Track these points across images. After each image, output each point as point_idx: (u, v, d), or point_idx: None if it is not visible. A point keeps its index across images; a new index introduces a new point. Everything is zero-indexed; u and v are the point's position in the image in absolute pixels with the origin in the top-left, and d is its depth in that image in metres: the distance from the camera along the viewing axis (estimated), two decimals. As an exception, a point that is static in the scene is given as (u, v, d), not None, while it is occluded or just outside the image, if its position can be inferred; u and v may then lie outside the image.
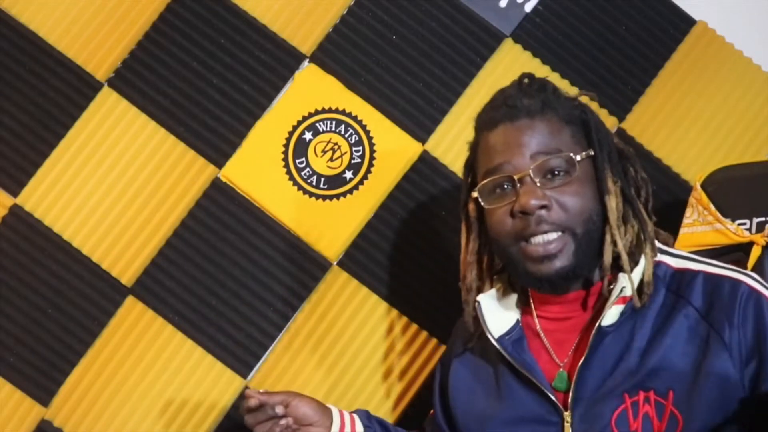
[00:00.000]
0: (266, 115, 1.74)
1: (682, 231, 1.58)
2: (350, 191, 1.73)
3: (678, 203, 1.63)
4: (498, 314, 1.26)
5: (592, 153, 1.18)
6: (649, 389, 1.11)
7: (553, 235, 1.15)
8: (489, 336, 1.23)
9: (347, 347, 1.70)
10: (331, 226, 1.72)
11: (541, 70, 1.76)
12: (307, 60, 1.75)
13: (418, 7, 1.76)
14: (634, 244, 1.19)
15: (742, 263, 1.50)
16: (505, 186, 1.18)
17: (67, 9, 1.72)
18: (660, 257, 1.21)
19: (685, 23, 1.78)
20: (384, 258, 1.72)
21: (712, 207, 1.54)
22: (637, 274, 1.17)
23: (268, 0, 1.75)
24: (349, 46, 1.75)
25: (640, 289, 1.16)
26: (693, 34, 1.78)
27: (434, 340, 1.71)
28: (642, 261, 1.18)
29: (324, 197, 1.73)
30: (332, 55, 1.75)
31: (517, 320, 1.26)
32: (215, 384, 1.68)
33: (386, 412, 1.69)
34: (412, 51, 1.75)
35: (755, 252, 1.49)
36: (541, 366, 1.20)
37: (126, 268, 1.69)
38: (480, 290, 1.29)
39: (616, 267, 1.18)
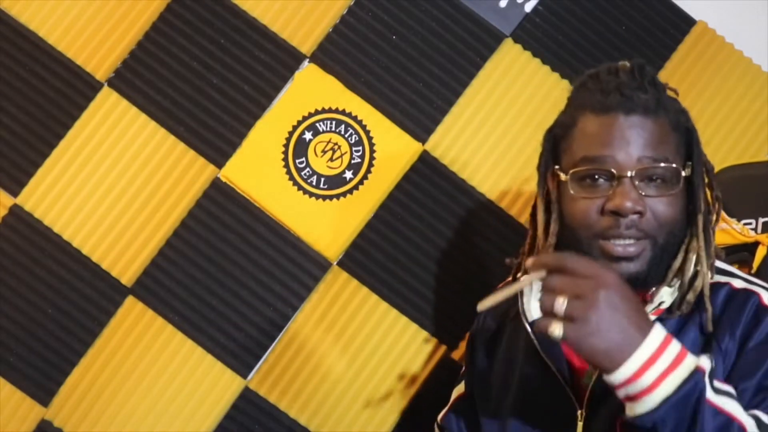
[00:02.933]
0: (266, 115, 1.74)
1: (688, 231, 1.58)
2: (350, 191, 1.73)
3: (678, 203, 1.63)
4: (537, 299, 1.23)
5: (691, 167, 1.13)
6: None
7: (634, 242, 1.10)
8: (523, 318, 1.18)
9: (347, 347, 1.70)
10: (331, 226, 1.72)
11: (541, 70, 1.76)
12: (307, 60, 1.75)
13: (418, 7, 1.76)
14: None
15: (747, 263, 1.50)
16: (600, 179, 1.11)
17: (67, 9, 1.72)
18: (725, 278, 1.17)
19: (685, 23, 1.78)
20: (384, 258, 1.72)
21: (717, 207, 1.54)
22: (683, 287, 1.14)
23: (268, 0, 1.75)
24: (349, 46, 1.75)
25: (681, 300, 1.13)
26: (693, 34, 1.78)
27: (434, 340, 1.71)
28: (693, 274, 1.13)
29: (324, 197, 1.73)
30: (332, 55, 1.75)
31: None
32: (215, 384, 1.69)
33: (386, 412, 1.69)
34: (412, 51, 1.75)
35: (761, 252, 1.48)
36: (571, 359, 1.16)
37: (126, 268, 1.69)
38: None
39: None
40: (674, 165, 1.10)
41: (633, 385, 0.91)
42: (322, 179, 1.73)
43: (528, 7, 1.77)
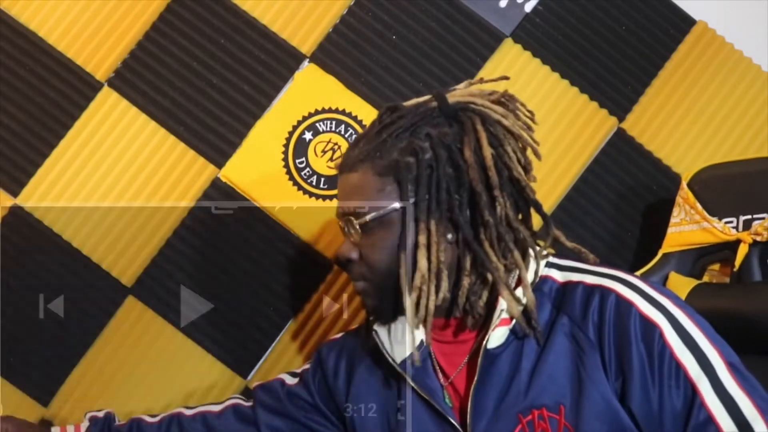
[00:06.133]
0: (266, 115, 1.74)
1: (670, 230, 1.58)
2: (350, 191, 1.73)
3: (678, 203, 1.63)
4: (402, 338, 1.24)
5: (397, 206, 1.13)
6: (540, 407, 1.10)
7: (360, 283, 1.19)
8: (391, 362, 1.22)
9: (347, 347, 1.70)
10: (330, 226, 1.72)
11: (541, 70, 1.76)
12: (307, 60, 1.75)
13: (418, 7, 1.76)
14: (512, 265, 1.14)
15: (729, 261, 1.51)
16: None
17: (67, 9, 1.72)
18: (547, 272, 1.17)
19: (685, 23, 1.78)
20: (384, 258, 1.71)
21: (698, 206, 1.53)
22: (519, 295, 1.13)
23: (268, 0, 1.75)
24: (349, 46, 1.75)
25: (526, 312, 1.13)
26: (693, 34, 1.78)
27: (434, 340, 1.71)
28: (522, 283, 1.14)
29: (324, 197, 1.73)
30: (332, 55, 1.75)
31: (422, 341, 1.21)
32: (215, 384, 1.69)
33: (386, 412, 1.69)
34: (412, 51, 1.75)
35: (742, 250, 1.48)
36: (442, 386, 1.20)
37: (126, 268, 1.69)
38: None
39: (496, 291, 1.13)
40: (366, 218, 1.13)
41: None
42: (322, 179, 1.73)
43: (528, 7, 1.77)
